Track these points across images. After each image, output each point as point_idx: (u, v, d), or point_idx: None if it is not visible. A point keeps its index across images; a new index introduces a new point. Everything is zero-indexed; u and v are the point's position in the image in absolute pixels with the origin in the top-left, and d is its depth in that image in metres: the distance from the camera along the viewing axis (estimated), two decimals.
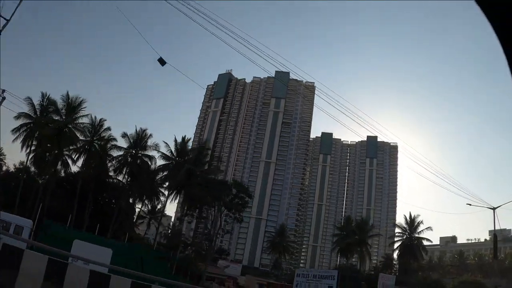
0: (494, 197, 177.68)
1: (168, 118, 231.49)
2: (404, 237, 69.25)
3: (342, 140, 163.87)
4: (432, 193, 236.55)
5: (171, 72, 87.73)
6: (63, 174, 57.93)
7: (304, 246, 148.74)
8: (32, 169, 58.42)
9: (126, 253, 18.16)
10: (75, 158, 53.91)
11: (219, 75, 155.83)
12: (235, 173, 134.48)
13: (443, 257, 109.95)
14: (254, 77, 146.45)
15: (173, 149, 55.01)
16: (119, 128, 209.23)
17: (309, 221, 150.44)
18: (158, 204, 61.68)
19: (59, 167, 56.76)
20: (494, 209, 38.94)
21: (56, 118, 49.38)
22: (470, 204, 39.95)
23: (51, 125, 46.95)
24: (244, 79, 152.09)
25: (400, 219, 78.23)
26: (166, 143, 55.41)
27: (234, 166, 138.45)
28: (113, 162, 54.79)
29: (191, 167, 47.50)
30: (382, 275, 48.71)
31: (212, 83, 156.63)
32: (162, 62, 20.34)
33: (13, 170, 65.17)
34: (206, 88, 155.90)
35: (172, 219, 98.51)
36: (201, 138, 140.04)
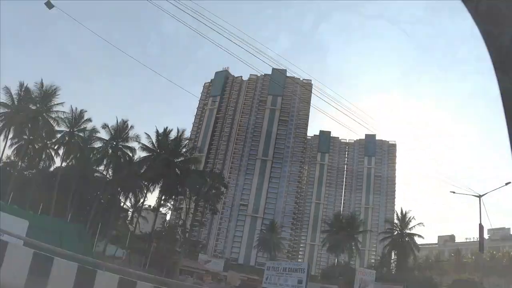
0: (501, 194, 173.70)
1: (165, 117, 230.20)
2: (395, 234, 67.44)
3: (340, 138, 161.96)
4: (428, 188, 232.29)
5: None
6: (52, 168, 57.71)
7: (301, 245, 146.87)
8: (20, 163, 58.25)
9: (45, 226, 17.08)
10: (55, 148, 53.44)
11: (216, 72, 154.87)
12: (231, 170, 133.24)
13: (440, 256, 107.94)
14: (250, 74, 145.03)
15: (154, 141, 54.03)
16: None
17: (307, 220, 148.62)
18: (142, 197, 60.60)
19: (43, 159, 56.42)
20: (480, 197, 37.33)
21: (33, 107, 48.79)
22: (454, 192, 38.36)
23: (24, 113, 46.22)
24: (241, 76, 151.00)
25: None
26: (148, 134, 54.42)
27: (231, 164, 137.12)
28: (94, 153, 54.16)
29: (167, 157, 46.44)
30: (361, 270, 47.09)
31: (209, 81, 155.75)
32: (49, 5, 20.08)
33: (1, 165, 65.16)
34: (203, 86, 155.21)
35: (168, 217, 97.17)
36: (197, 136, 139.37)
